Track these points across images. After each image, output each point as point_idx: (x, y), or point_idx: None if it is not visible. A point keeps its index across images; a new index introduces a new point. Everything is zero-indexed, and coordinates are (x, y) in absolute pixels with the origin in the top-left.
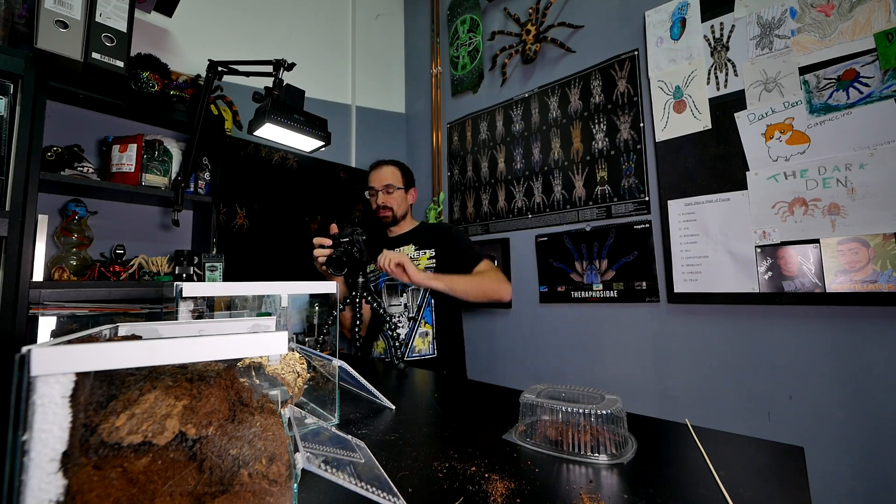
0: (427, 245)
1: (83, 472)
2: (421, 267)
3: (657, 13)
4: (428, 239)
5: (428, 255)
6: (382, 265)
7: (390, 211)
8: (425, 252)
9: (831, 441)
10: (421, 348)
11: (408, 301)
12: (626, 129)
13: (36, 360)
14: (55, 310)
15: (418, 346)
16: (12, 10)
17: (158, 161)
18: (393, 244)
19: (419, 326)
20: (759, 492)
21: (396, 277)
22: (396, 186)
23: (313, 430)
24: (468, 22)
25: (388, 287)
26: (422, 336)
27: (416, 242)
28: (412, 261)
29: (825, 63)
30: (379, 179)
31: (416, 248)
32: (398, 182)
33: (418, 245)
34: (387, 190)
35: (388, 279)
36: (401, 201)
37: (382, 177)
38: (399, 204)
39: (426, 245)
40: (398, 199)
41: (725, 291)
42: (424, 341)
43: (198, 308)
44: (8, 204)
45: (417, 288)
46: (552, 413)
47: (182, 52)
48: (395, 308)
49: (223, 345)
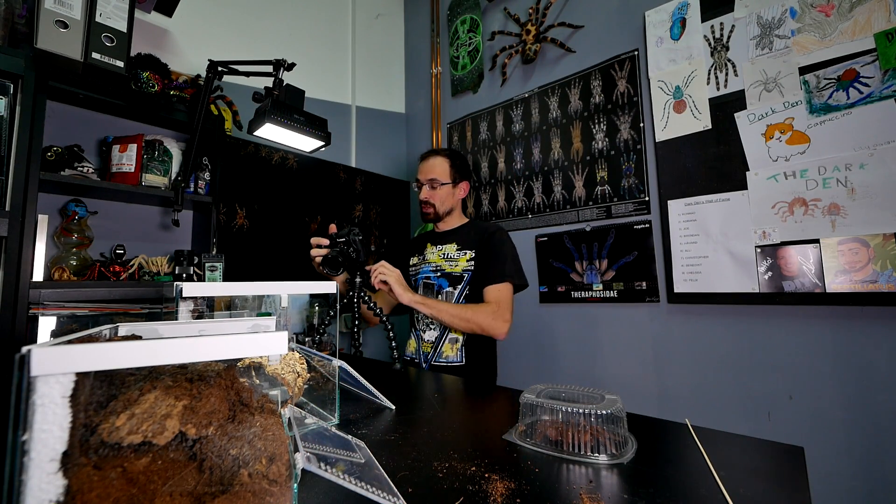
0: (469, 245)
1: (83, 472)
2: (458, 269)
3: (657, 13)
4: (472, 239)
5: (468, 256)
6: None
7: (432, 208)
8: (466, 253)
9: (831, 441)
10: (448, 355)
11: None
12: (626, 129)
13: (36, 360)
14: (55, 310)
15: (446, 352)
16: (12, 10)
17: (158, 161)
18: (438, 239)
19: (449, 332)
20: (759, 492)
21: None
22: (442, 181)
23: (313, 430)
24: (468, 22)
25: (425, 285)
26: (451, 342)
27: (460, 242)
28: (450, 260)
29: (825, 63)
30: (425, 172)
31: (458, 248)
32: (445, 176)
33: (461, 245)
34: (431, 184)
35: (426, 276)
36: (445, 197)
37: (429, 169)
38: (443, 200)
39: (468, 245)
40: (443, 195)
41: (725, 291)
42: (453, 348)
43: (198, 308)
44: (8, 204)
45: (453, 290)
46: (552, 413)
47: (182, 52)
48: None
49: (223, 345)
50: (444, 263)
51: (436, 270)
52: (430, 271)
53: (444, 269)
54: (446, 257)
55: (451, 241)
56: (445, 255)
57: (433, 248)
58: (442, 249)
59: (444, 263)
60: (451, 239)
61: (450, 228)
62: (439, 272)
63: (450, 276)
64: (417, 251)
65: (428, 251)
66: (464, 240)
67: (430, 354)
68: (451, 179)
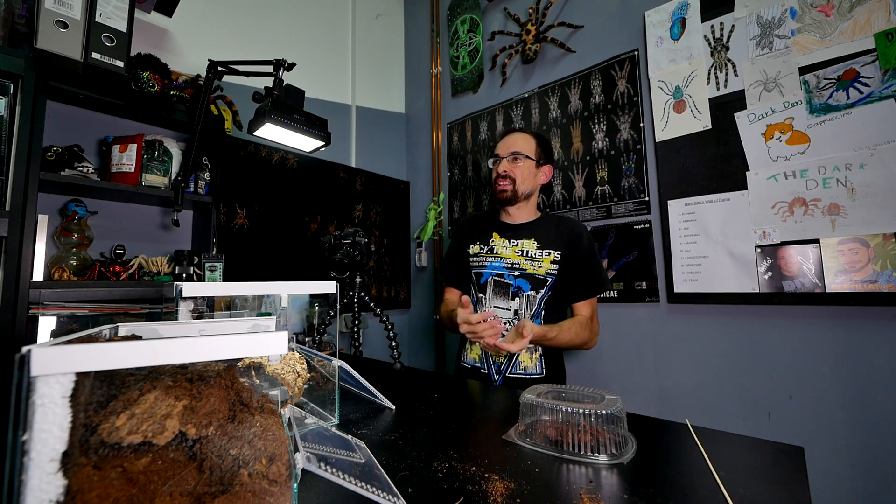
0: (553, 245)
1: (83, 472)
2: (542, 271)
3: (657, 13)
4: (555, 238)
5: (552, 257)
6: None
7: (511, 183)
8: (549, 253)
9: (831, 441)
10: (527, 365)
11: (519, 307)
12: (626, 129)
13: (36, 360)
14: (55, 310)
15: (524, 362)
16: (12, 10)
17: (158, 161)
18: (508, 231)
19: None
20: (759, 492)
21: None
22: (525, 155)
23: (313, 430)
24: (468, 22)
25: (496, 284)
26: (530, 351)
27: (540, 238)
28: (532, 260)
29: (825, 63)
30: (506, 146)
31: (539, 246)
32: (531, 152)
33: (542, 242)
34: (514, 157)
35: (498, 273)
36: (527, 175)
37: (512, 143)
38: (525, 177)
39: (552, 245)
40: (525, 170)
41: (725, 291)
42: (532, 358)
43: (198, 308)
44: (8, 204)
45: (535, 294)
46: (552, 413)
47: (182, 52)
48: (503, 312)
49: (223, 345)
50: (525, 262)
51: (512, 269)
52: (504, 269)
53: (525, 270)
54: (526, 255)
55: (528, 235)
56: (525, 252)
57: (504, 240)
58: (518, 245)
59: (523, 262)
60: (529, 233)
61: (525, 221)
62: (517, 271)
63: (532, 278)
64: (479, 238)
65: (497, 242)
66: (545, 237)
67: (505, 365)
68: (536, 157)
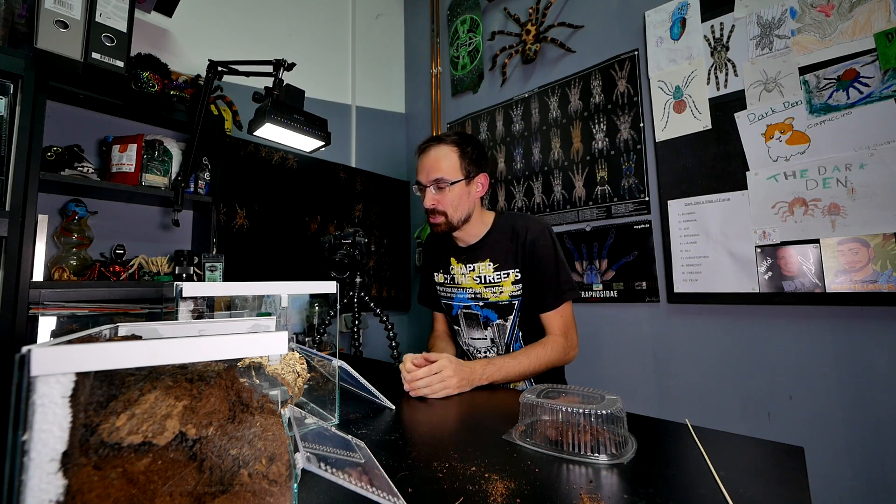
0: (509, 263)
1: (83, 472)
2: (505, 296)
3: (657, 13)
4: (512, 249)
5: (512, 277)
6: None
7: (443, 216)
8: (508, 274)
9: (831, 441)
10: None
11: (494, 335)
12: (626, 129)
13: (36, 360)
14: (55, 310)
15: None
16: (12, 10)
17: (158, 161)
18: (462, 255)
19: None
20: (759, 492)
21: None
22: (451, 180)
23: (313, 430)
24: (468, 22)
25: (466, 316)
26: None
27: (494, 258)
28: (491, 286)
29: (825, 63)
30: (427, 170)
31: (496, 268)
32: (454, 172)
33: (497, 261)
34: (437, 185)
35: (465, 305)
36: (459, 201)
37: (432, 165)
38: (457, 204)
39: (508, 262)
40: (455, 198)
41: (725, 291)
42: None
43: (198, 308)
44: (8, 204)
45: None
46: (552, 413)
47: (182, 52)
48: (480, 342)
49: (223, 345)
50: (484, 290)
51: (476, 299)
52: (469, 299)
53: (486, 299)
54: (484, 281)
55: (483, 256)
56: (483, 278)
57: (461, 266)
58: (474, 270)
59: (483, 290)
60: (483, 253)
61: (475, 241)
62: (481, 301)
63: (496, 307)
64: (440, 266)
65: (455, 270)
66: (501, 254)
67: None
68: (463, 175)
